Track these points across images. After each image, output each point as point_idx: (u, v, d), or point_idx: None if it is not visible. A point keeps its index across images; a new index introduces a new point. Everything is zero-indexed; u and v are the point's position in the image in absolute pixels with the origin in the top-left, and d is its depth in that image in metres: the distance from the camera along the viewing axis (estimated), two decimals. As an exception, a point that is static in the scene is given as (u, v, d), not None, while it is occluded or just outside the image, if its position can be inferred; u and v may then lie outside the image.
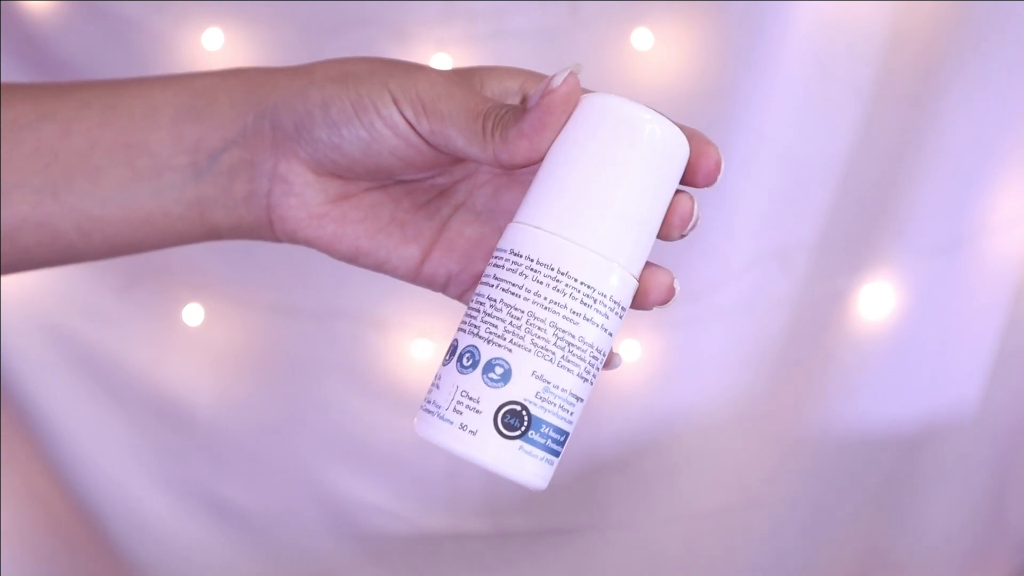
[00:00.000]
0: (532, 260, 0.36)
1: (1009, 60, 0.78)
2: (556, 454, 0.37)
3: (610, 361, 0.39)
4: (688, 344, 0.85)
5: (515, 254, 0.37)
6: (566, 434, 0.37)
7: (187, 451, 0.87)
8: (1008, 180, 0.81)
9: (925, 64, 0.79)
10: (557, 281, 0.36)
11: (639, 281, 0.38)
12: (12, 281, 0.83)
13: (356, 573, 0.90)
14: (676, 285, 0.39)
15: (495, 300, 0.36)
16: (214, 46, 0.80)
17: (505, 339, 0.36)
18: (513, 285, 0.36)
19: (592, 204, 0.36)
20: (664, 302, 0.39)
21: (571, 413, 0.37)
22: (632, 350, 0.85)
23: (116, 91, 0.46)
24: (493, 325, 0.36)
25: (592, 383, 0.37)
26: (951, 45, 0.77)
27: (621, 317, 0.37)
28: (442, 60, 0.79)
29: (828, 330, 0.84)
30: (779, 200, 0.82)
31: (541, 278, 0.36)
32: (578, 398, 0.37)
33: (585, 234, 0.36)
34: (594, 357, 0.37)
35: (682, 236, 0.39)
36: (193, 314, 0.86)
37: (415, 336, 0.85)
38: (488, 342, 0.36)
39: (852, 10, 0.78)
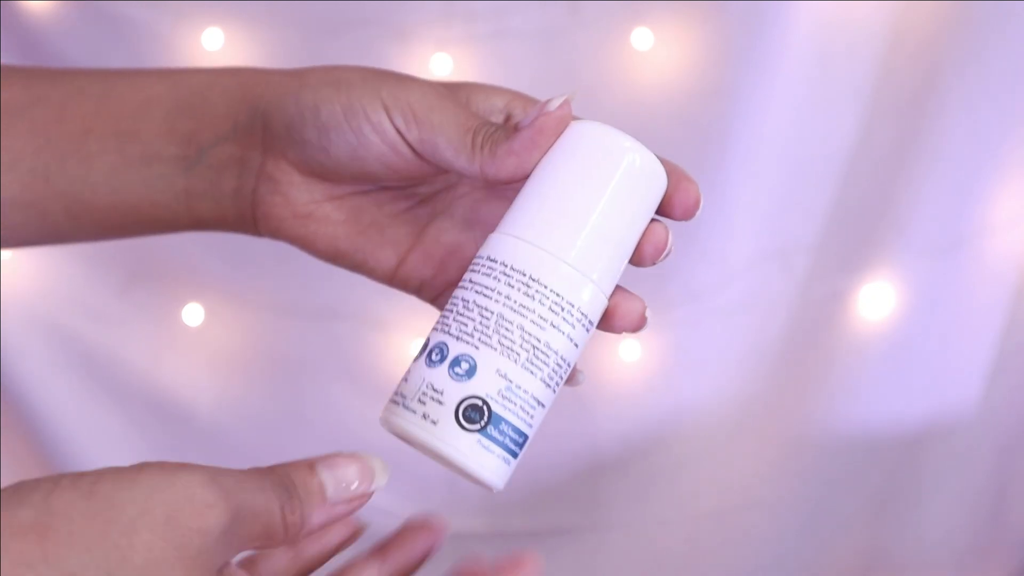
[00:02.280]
0: (506, 266, 0.38)
1: (1009, 60, 0.78)
2: (514, 455, 0.38)
3: (573, 377, 0.40)
4: (688, 344, 0.85)
5: (491, 260, 0.38)
6: (525, 436, 0.38)
7: (187, 451, 0.87)
8: (1008, 180, 0.81)
9: (925, 64, 0.78)
10: (528, 287, 0.37)
11: (610, 304, 0.39)
12: (12, 281, 0.83)
13: (356, 573, 0.90)
14: (648, 315, 0.40)
15: (468, 301, 0.38)
16: (214, 46, 0.80)
17: (474, 337, 0.37)
18: (486, 288, 0.38)
19: (569, 221, 0.38)
20: (635, 330, 0.40)
21: (531, 416, 0.38)
22: (632, 350, 0.85)
23: (111, 80, 0.46)
24: (464, 324, 0.38)
25: (555, 391, 0.38)
26: (951, 45, 0.77)
27: (588, 331, 0.39)
28: (442, 60, 0.79)
29: (828, 330, 0.84)
30: (779, 200, 0.82)
31: (513, 283, 0.37)
32: (540, 402, 0.38)
33: (560, 247, 0.38)
34: (558, 364, 0.38)
35: (654, 264, 0.40)
36: (193, 314, 0.86)
37: (415, 336, 0.85)
38: (457, 339, 0.37)
39: (852, 10, 0.78)
